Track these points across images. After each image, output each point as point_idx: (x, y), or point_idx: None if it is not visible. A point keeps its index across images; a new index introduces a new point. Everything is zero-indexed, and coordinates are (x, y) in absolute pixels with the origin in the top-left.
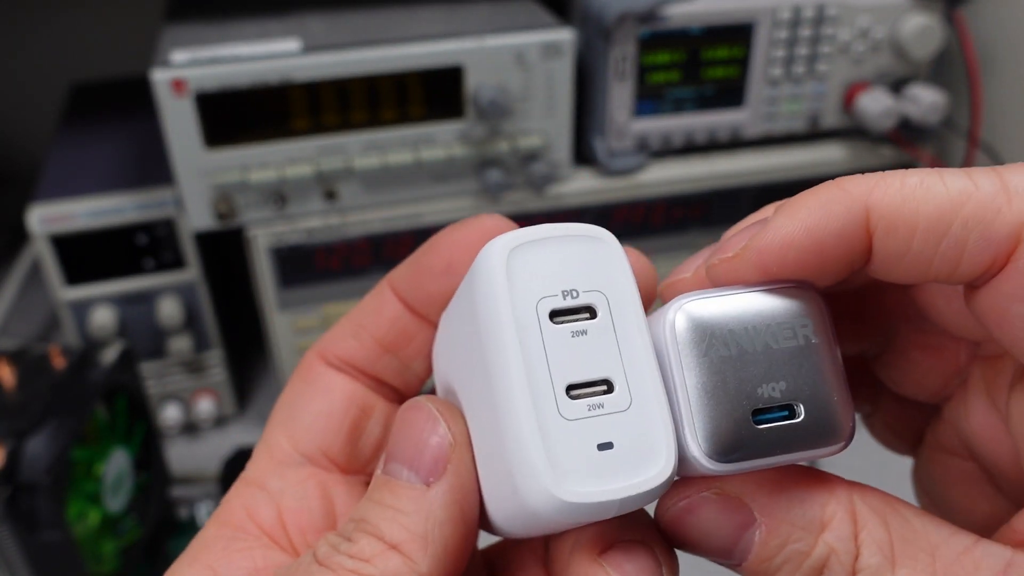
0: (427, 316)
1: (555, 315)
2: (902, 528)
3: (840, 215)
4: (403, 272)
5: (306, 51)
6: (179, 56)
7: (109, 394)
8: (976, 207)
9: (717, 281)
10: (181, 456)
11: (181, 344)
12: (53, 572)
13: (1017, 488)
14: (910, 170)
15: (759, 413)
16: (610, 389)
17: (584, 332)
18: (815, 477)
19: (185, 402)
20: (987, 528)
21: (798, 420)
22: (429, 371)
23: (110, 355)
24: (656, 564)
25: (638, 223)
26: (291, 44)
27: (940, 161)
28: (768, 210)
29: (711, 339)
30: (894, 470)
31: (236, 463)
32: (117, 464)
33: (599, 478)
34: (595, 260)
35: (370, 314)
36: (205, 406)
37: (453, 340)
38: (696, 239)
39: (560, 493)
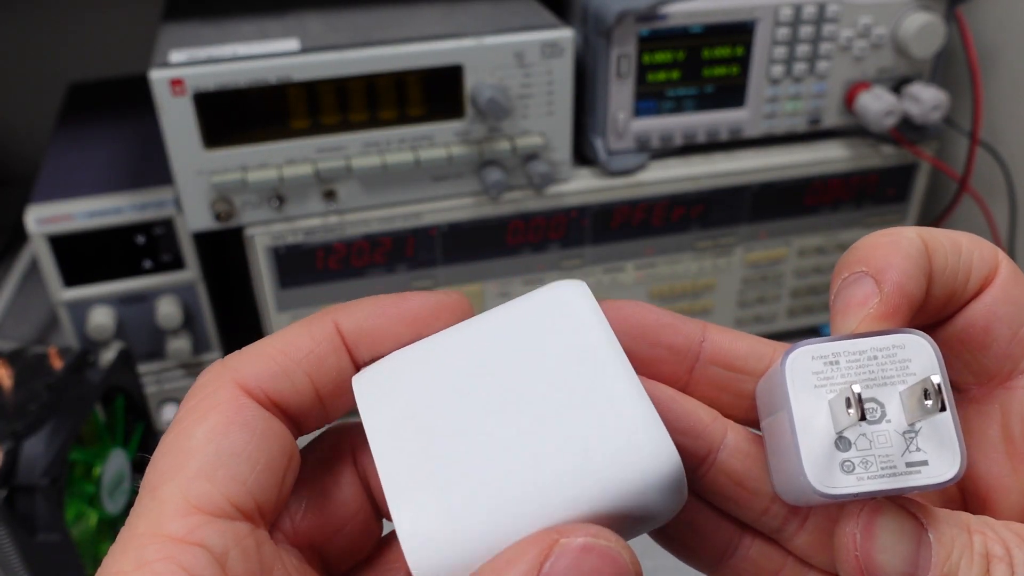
0: (363, 366)
1: None
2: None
3: (916, 243)
4: (362, 317)
5: (305, 50)
6: (177, 56)
7: (107, 395)
8: (968, 241)
9: (862, 323)
10: None
11: (180, 345)
12: (51, 574)
13: None
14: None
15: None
16: None
17: None
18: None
19: None
20: None
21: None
22: (337, 418)
23: (108, 356)
24: None
25: (638, 223)
26: (290, 43)
27: (941, 160)
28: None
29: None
30: None
31: None
32: (115, 466)
33: None
34: None
35: (308, 354)
36: None
37: (473, 366)
38: (696, 239)
39: (679, 461)
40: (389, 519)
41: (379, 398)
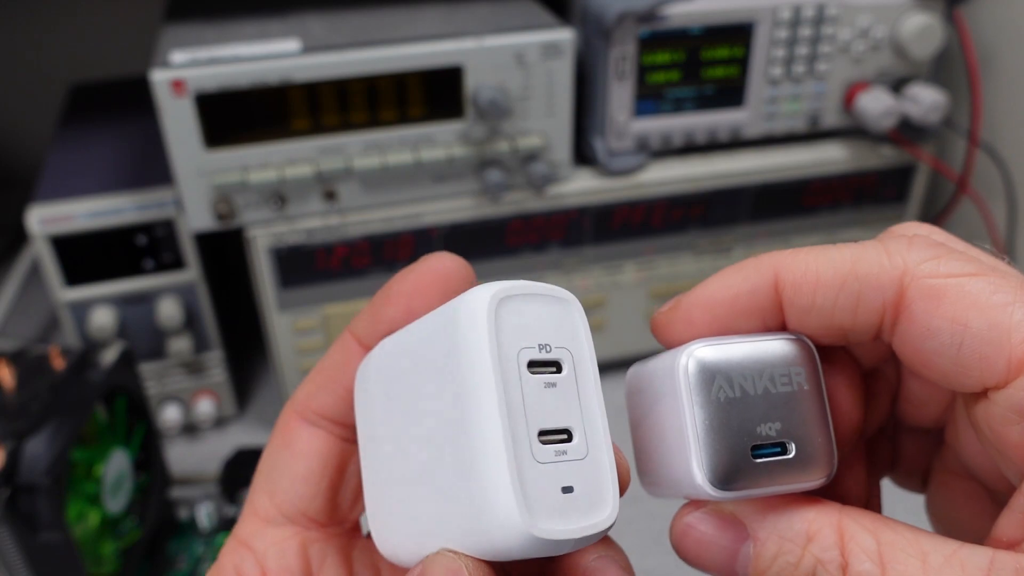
0: None
1: (532, 365)
2: (891, 537)
3: (752, 277)
4: (364, 322)
5: (306, 51)
6: (179, 56)
7: (109, 395)
8: (865, 264)
9: (657, 332)
10: (181, 457)
11: (181, 345)
12: (53, 573)
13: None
14: (811, 247)
15: (757, 449)
16: (570, 438)
17: (553, 384)
18: (805, 498)
19: (185, 403)
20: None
21: (789, 456)
22: None
23: (110, 356)
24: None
25: (638, 223)
26: (291, 44)
27: (940, 161)
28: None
29: (718, 381)
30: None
31: (236, 464)
32: (117, 465)
33: (563, 518)
34: (563, 319)
35: (338, 366)
36: (205, 407)
37: (398, 376)
38: (696, 239)
39: (532, 530)
40: None
41: (361, 392)
